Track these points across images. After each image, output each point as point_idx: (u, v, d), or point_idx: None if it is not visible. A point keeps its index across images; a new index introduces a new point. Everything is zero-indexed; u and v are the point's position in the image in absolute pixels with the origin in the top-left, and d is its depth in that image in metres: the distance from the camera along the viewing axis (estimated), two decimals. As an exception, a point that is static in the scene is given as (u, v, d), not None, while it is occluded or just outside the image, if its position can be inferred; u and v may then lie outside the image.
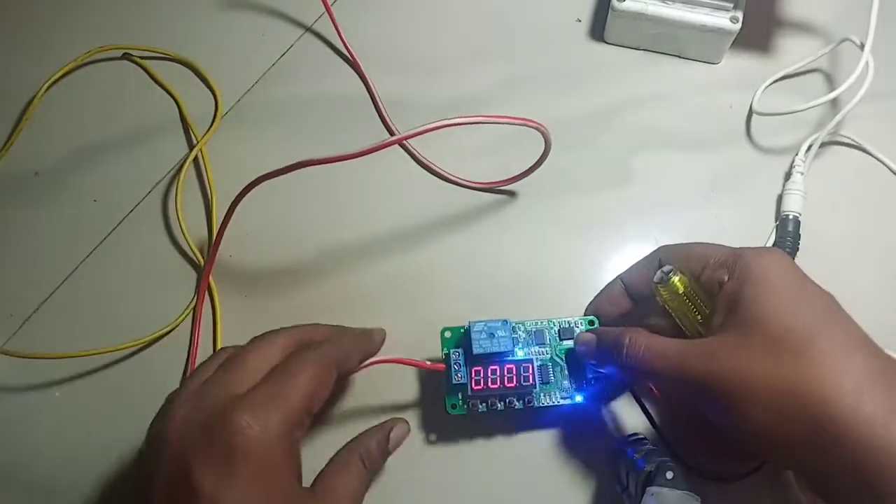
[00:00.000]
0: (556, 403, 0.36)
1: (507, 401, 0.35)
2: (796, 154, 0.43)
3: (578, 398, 0.36)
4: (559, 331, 0.37)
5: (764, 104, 0.44)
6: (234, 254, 0.42)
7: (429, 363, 0.36)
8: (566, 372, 0.36)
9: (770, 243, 0.41)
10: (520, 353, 0.36)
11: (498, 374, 0.34)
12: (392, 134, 0.45)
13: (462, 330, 0.36)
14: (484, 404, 0.35)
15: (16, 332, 0.40)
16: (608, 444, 0.37)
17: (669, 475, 0.31)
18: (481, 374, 0.34)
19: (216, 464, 0.26)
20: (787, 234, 0.40)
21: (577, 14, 0.48)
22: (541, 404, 0.36)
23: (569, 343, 0.36)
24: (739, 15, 0.43)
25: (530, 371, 0.34)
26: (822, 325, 0.28)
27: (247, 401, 0.28)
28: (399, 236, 0.42)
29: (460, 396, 0.35)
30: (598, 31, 0.47)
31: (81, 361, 0.39)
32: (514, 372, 0.34)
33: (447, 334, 0.36)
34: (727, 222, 0.42)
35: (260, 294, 0.41)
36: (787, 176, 0.42)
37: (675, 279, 0.32)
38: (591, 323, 0.37)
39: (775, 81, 0.45)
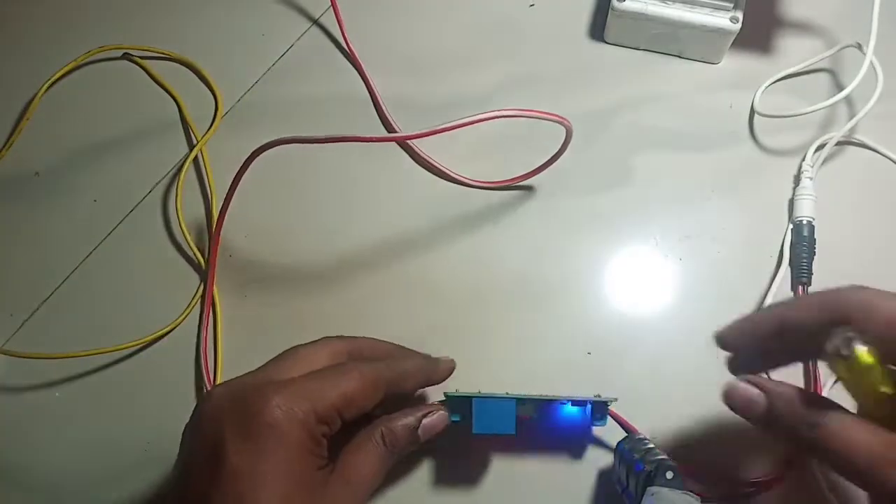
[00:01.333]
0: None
1: None
2: (803, 158, 0.42)
3: (569, 407, 0.35)
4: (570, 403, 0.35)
5: (765, 104, 0.44)
6: (233, 253, 0.42)
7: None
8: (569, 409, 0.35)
9: (786, 249, 0.40)
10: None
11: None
12: (393, 132, 0.45)
13: (464, 399, 0.33)
14: None
15: (16, 332, 0.40)
16: (610, 442, 0.37)
17: (669, 475, 0.31)
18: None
19: (243, 436, 0.28)
20: (803, 240, 0.40)
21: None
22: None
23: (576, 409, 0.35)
24: (739, 15, 0.43)
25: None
26: None
27: (282, 386, 0.29)
28: (401, 236, 0.42)
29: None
30: (598, 31, 0.47)
31: (81, 361, 0.39)
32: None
33: (452, 399, 0.34)
34: (728, 222, 0.42)
35: (260, 294, 0.41)
36: (797, 180, 0.42)
37: (863, 352, 0.24)
38: (601, 404, 0.35)
39: (776, 81, 0.45)
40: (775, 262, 0.41)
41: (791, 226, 0.41)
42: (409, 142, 0.44)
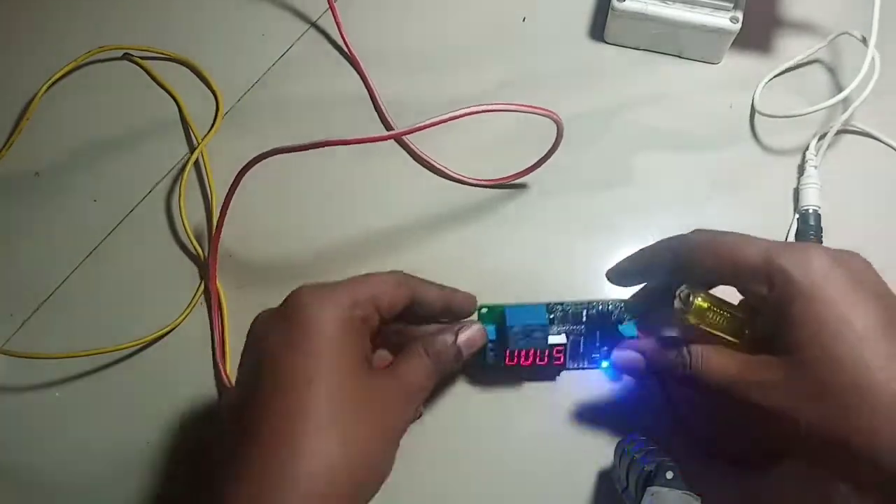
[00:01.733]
0: (582, 367, 0.38)
1: (536, 374, 0.37)
2: (806, 148, 0.43)
3: (604, 364, 0.37)
4: (597, 313, 0.37)
5: (766, 104, 0.44)
6: (234, 253, 0.42)
7: None
8: (596, 342, 0.37)
9: (790, 239, 0.41)
10: (553, 339, 0.36)
11: (531, 354, 0.36)
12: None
13: (499, 311, 0.37)
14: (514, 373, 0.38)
15: (16, 332, 0.40)
16: (610, 441, 0.37)
17: (669, 475, 0.31)
18: (515, 355, 0.36)
19: (283, 332, 0.29)
20: (810, 229, 0.40)
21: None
22: (566, 369, 0.38)
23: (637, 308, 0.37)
24: (739, 15, 0.43)
25: (562, 353, 0.36)
26: (873, 369, 0.26)
27: (317, 286, 0.30)
28: (400, 234, 0.42)
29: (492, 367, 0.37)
30: (598, 31, 0.47)
31: (81, 361, 0.39)
32: (547, 353, 0.36)
33: (483, 310, 0.37)
34: (729, 222, 0.42)
35: (261, 293, 0.41)
36: (801, 170, 0.42)
37: (698, 301, 0.31)
38: (626, 311, 0.37)
39: (775, 77, 0.45)
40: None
41: (797, 215, 0.41)
42: (406, 141, 0.44)
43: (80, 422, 0.39)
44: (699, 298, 0.31)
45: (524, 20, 0.48)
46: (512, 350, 0.35)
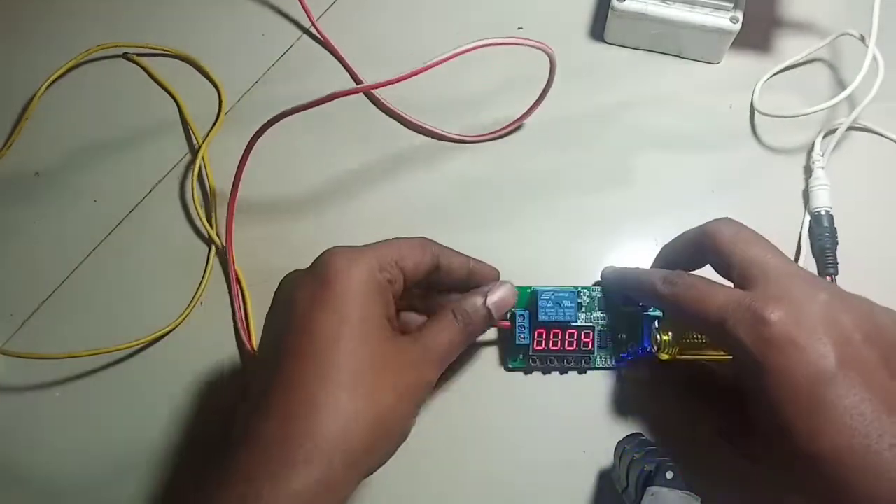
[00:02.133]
0: (610, 366, 0.38)
1: (565, 360, 0.38)
2: (811, 149, 0.43)
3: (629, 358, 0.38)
4: (623, 299, 0.38)
5: (766, 103, 0.44)
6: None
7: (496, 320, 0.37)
8: (624, 337, 0.38)
9: (804, 241, 0.41)
10: (582, 320, 0.38)
11: (560, 336, 0.37)
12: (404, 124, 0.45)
13: (528, 290, 0.38)
14: (542, 362, 0.38)
15: (16, 332, 0.40)
16: (610, 441, 0.37)
17: (669, 475, 0.31)
18: (543, 336, 0.37)
19: (312, 290, 0.29)
20: (824, 231, 0.40)
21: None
22: (596, 366, 0.38)
23: (628, 309, 0.38)
24: (739, 15, 0.43)
25: (591, 337, 0.37)
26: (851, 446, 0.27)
27: (346, 248, 0.31)
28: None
29: (521, 356, 0.38)
30: (598, 31, 0.47)
31: (81, 361, 0.39)
32: (575, 337, 0.37)
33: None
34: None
35: (264, 281, 0.41)
36: (809, 171, 0.42)
37: (663, 354, 0.34)
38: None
39: (773, 76, 0.45)
40: (793, 256, 0.41)
41: (809, 217, 0.41)
42: (410, 120, 0.44)
43: (80, 422, 0.39)
44: (665, 351, 0.34)
45: (520, 28, 0.47)
46: (542, 322, 0.36)
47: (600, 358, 0.38)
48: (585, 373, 0.39)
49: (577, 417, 0.38)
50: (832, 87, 0.46)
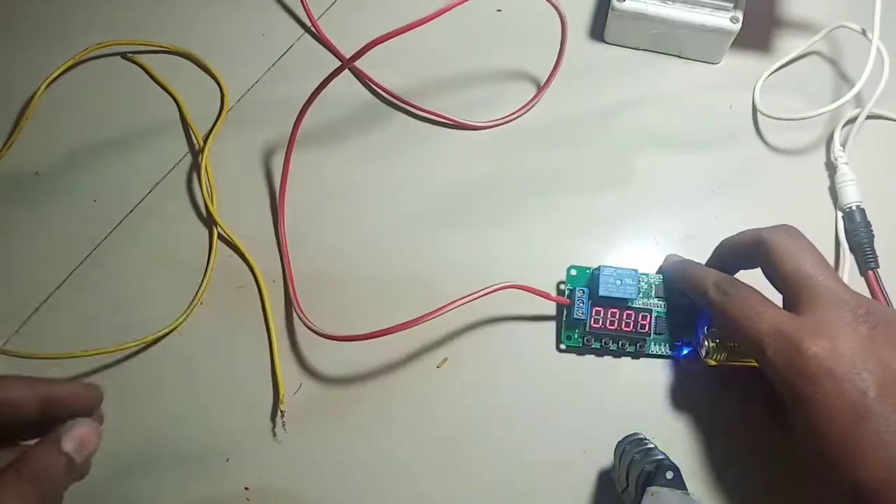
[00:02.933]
0: (665, 353, 0.38)
1: (620, 343, 0.38)
2: (829, 146, 0.43)
3: (685, 351, 0.38)
4: (679, 292, 0.38)
5: (767, 102, 0.44)
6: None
7: (555, 296, 0.38)
8: (681, 327, 0.38)
9: (842, 237, 0.41)
10: (640, 302, 0.38)
11: (617, 317, 0.37)
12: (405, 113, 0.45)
13: (588, 271, 0.39)
14: (598, 342, 0.38)
15: (16, 332, 0.40)
16: (610, 441, 0.37)
17: (669, 475, 0.31)
18: (601, 314, 0.37)
19: None
20: (858, 226, 0.40)
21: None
22: (650, 352, 0.38)
23: (685, 302, 0.38)
24: (739, 15, 0.43)
25: (648, 320, 0.37)
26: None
27: None
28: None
29: (577, 332, 0.38)
30: (598, 31, 0.47)
31: (81, 361, 0.39)
32: (633, 318, 0.37)
33: (573, 272, 0.39)
34: (732, 221, 0.42)
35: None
36: (833, 168, 0.42)
37: (711, 345, 0.35)
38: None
39: (772, 73, 0.45)
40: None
41: (840, 214, 0.41)
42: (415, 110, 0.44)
43: (81, 422, 0.38)
44: (713, 344, 0.35)
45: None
46: (601, 298, 0.37)
47: (655, 344, 0.38)
48: (639, 359, 0.39)
49: (577, 417, 0.38)
50: (832, 81, 0.45)
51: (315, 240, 0.42)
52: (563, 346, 0.39)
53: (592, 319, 0.37)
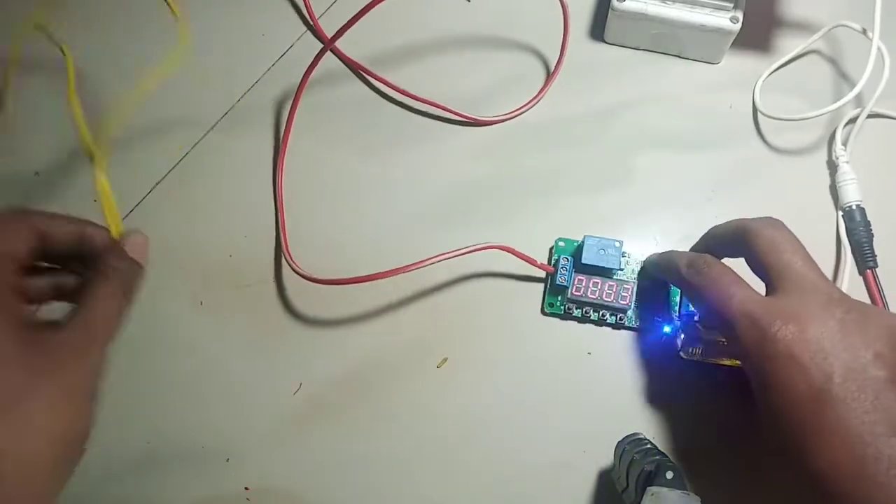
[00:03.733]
0: (645, 328, 0.39)
1: (601, 313, 0.39)
2: (831, 145, 0.43)
3: (666, 329, 0.38)
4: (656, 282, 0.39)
5: (767, 102, 0.44)
6: (233, 254, 0.42)
7: (539, 262, 0.39)
8: (661, 303, 0.39)
9: (839, 239, 0.41)
10: (623, 275, 0.39)
11: (599, 286, 0.38)
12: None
13: (575, 243, 0.40)
14: (579, 310, 0.39)
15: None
16: (610, 441, 0.37)
17: (669, 475, 0.31)
18: (583, 283, 0.38)
19: None
20: (857, 226, 0.40)
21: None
22: (631, 324, 0.39)
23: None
24: (739, 15, 0.43)
25: (629, 292, 0.38)
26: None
27: None
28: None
29: (559, 298, 0.39)
30: (598, 31, 0.47)
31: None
32: (614, 289, 0.38)
33: (561, 243, 0.40)
34: (729, 218, 0.42)
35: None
36: (834, 167, 0.42)
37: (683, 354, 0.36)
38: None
39: (771, 73, 0.45)
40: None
41: (840, 213, 0.42)
42: (415, 106, 0.44)
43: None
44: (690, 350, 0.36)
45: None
46: (584, 266, 0.38)
47: (635, 317, 0.39)
48: (620, 329, 0.39)
49: (577, 417, 0.38)
50: (832, 81, 0.45)
51: (314, 238, 0.42)
52: (546, 311, 0.39)
53: (574, 287, 0.38)
